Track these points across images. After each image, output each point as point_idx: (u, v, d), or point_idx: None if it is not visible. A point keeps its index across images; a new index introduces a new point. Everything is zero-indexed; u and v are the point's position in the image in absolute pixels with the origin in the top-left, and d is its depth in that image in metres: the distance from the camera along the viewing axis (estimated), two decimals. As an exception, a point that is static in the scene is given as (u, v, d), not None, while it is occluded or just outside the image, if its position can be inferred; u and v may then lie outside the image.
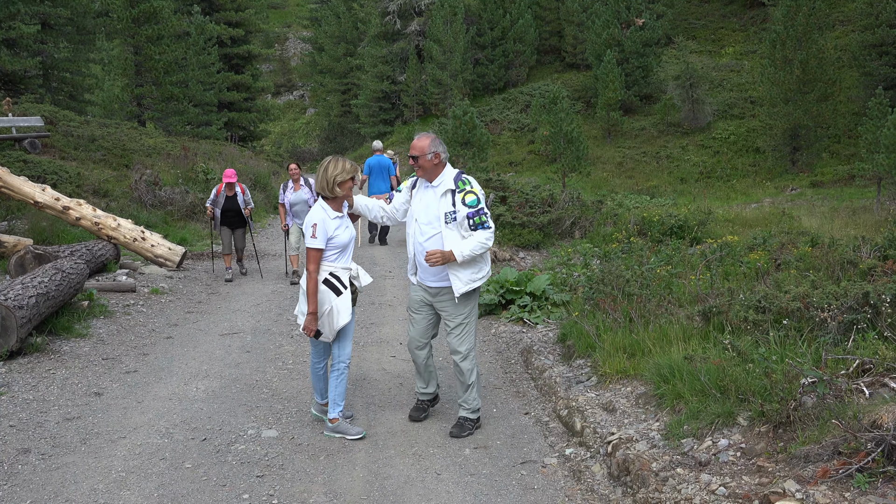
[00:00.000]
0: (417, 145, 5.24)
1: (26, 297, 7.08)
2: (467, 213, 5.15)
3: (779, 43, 29.24)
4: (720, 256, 8.69)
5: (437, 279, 5.38)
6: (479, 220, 5.16)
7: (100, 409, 5.96)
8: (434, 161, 5.24)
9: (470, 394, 5.48)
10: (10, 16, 23.29)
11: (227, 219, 11.65)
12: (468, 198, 5.17)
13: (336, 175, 5.15)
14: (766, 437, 4.19)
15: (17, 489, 4.52)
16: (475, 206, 5.16)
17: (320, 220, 5.09)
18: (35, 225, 12.23)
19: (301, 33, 71.27)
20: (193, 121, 33.45)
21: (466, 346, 5.40)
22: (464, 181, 5.23)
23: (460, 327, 5.40)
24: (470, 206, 5.16)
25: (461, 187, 5.19)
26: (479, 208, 5.17)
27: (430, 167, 5.25)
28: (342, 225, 5.22)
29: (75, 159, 19.42)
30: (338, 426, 5.37)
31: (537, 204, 14.76)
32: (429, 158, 5.23)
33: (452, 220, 5.18)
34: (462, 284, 5.24)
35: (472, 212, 5.15)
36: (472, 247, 5.13)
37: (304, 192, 11.32)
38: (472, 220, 5.15)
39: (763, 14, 43.00)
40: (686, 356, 5.18)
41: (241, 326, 8.79)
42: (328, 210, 5.16)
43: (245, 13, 41.87)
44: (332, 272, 5.17)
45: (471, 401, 5.49)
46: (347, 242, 5.23)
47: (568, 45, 44.72)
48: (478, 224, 5.16)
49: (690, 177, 31.31)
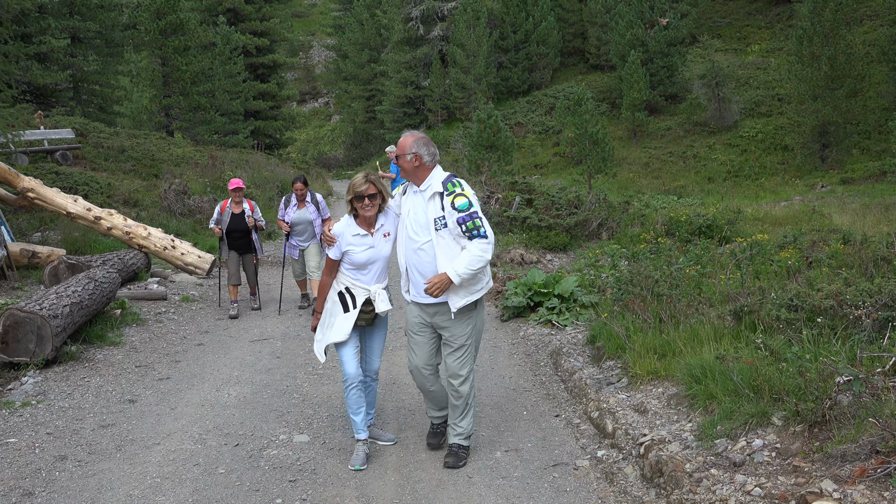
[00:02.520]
0: (400, 144, 4.82)
1: (60, 307, 7.19)
2: (457, 218, 4.61)
3: (806, 39, 28.88)
4: (750, 255, 8.61)
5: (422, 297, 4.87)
6: (473, 226, 4.60)
7: (134, 416, 6.04)
8: (414, 163, 4.77)
9: (466, 418, 5.01)
10: (41, 30, 23.70)
11: (233, 241, 9.96)
12: (458, 201, 4.63)
13: (347, 193, 4.95)
14: (802, 437, 4.14)
15: (56, 495, 4.59)
16: (466, 210, 4.61)
17: (339, 233, 4.93)
18: (67, 235, 12.43)
19: (325, 41, 71.66)
20: (220, 130, 33.78)
21: (468, 368, 4.92)
22: (454, 183, 4.70)
23: (462, 349, 4.89)
24: (460, 209, 4.61)
25: (450, 189, 4.67)
26: (471, 212, 4.61)
27: (409, 169, 4.80)
28: (363, 245, 4.92)
29: (106, 170, 19.70)
30: (371, 432, 5.34)
31: (563, 206, 14.71)
32: (408, 159, 4.78)
33: (443, 227, 4.67)
34: (459, 299, 4.73)
35: (462, 216, 4.61)
36: (467, 263, 4.59)
37: (310, 211, 9.73)
38: (463, 225, 4.60)
39: (789, 10, 42.51)
40: (718, 356, 5.13)
41: (270, 332, 8.85)
42: (351, 225, 4.94)
43: (270, 23, 42.18)
44: (348, 287, 4.97)
45: (466, 426, 5.02)
46: (364, 263, 4.93)
47: (592, 47, 44.53)
48: (471, 230, 4.60)
49: (718, 176, 31.00)
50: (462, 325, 4.85)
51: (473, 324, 4.91)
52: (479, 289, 4.81)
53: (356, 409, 5.01)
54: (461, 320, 4.84)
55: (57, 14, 25.25)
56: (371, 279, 5.00)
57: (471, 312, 4.87)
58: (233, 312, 9.71)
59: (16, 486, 4.69)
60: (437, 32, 44.18)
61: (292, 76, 65.09)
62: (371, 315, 5.00)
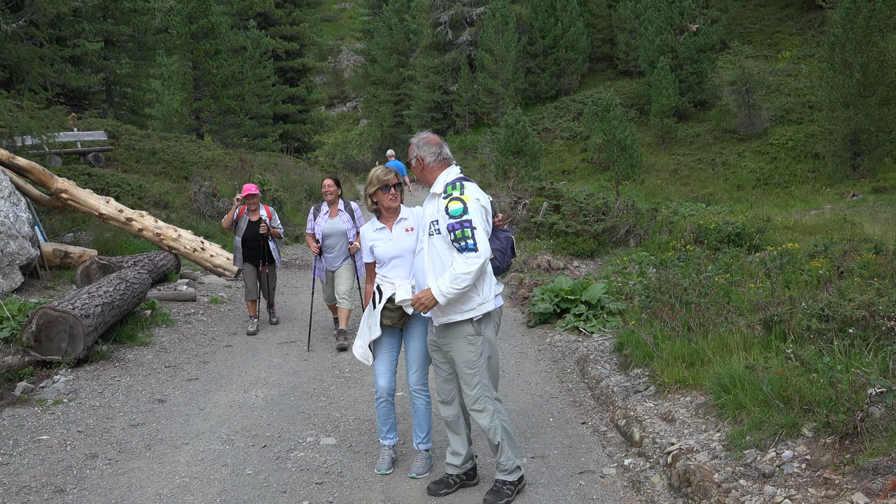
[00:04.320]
0: (412, 146, 4.57)
1: (92, 307, 7.29)
2: (447, 225, 4.18)
3: (838, 46, 28.56)
4: (780, 264, 8.52)
5: None
6: (461, 236, 4.12)
7: (163, 415, 6.11)
8: (419, 166, 4.49)
9: (502, 454, 4.46)
10: (76, 34, 24.11)
11: (249, 251, 9.13)
12: (451, 205, 4.19)
13: (366, 186, 4.93)
14: (833, 449, 4.09)
15: (86, 493, 4.65)
16: (458, 217, 4.14)
17: (363, 232, 4.97)
18: (99, 236, 12.60)
19: (354, 45, 72.08)
20: (250, 133, 34.13)
21: (480, 403, 4.39)
22: (454, 186, 4.28)
23: (467, 376, 4.37)
24: (452, 215, 4.16)
25: (448, 192, 4.26)
26: (463, 220, 4.13)
27: (417, 172, 4.53)
28: (383, 238, 4.85)
29: (137, 172, 19.97)
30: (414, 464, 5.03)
31: (591, 212, 14.67)
32: (413, 164, 4.52)
33: (436, 232, 4.29)
34: (442, 315, 4.32)
35: (452, 223, 4.15)
36: (450, 282, 4.13)
37: (343, 220, 8.34)
38: (452, 233, 4.16)
39: (821, 17, 42.07)
40: (747, 365, 5.08)
41: (298, 335, 8.91)
42: (374, 221, 4.96)
43: (300, 27, 42.58)
44: (378, 284, 4.84)
45: (505, 461, 4.47)
46: (386, 257, 4.80)
47: (620, 53, 44.40)
48: (460, 240, 4.13)
49: (747, 184, 30.74)
50: (461, 348, 4.35)
51: (479, 350, 4.35)
52: (469, 309, 4.27)
53: (383, 421, 4.98)
54: (458, 341, 4.35)
55: (91, 18, 25.70)
56: (397, 274, 4.79)
57: (469, 335, 4.32)
58: (251, 329, 9.06)
59: (48, 483, 4.77)
60: (466, 37, 44.32)
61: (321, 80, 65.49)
62: (396, 314, 4.72)
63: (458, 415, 4.63)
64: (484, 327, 4.36)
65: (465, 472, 4.71)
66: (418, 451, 4.99)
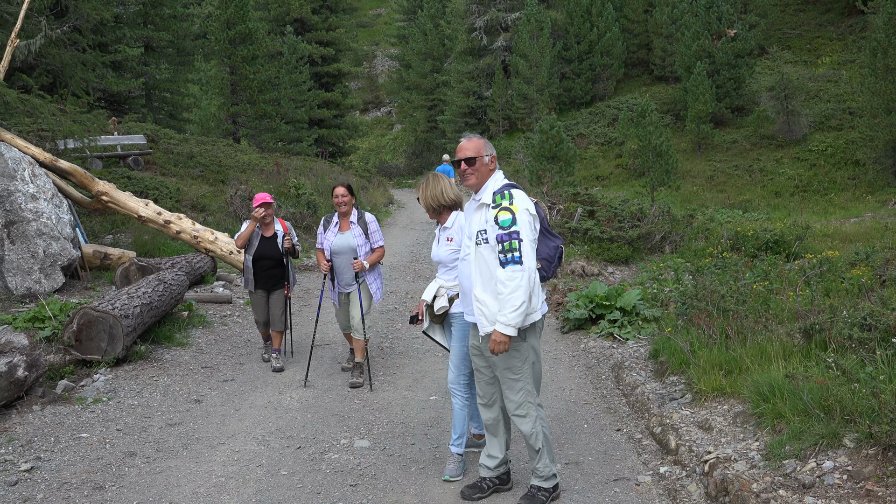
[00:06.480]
0: (470, 146, 4.36)
1: (131, 307, 7.40)
2: (497, 235, 4.13)
3: (880, 51, 28.03)
4: (820, 272, 8.39)
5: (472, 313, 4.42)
6: (509, 248, 4.07)
7: (200, 415, 6.18)
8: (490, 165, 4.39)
9: (540, 460, 4.45)
10: (117, 39, 24.53)
11: (261, 272, 7.63)
12: (501, 216, 4.13)
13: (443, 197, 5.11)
14: (875, 460, 4.01)
15: (125, 490, 4.72)
16: (507, 228, 4.09)
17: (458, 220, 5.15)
18: (138, 238, 12.79)
19: (389, 51, 72.41)
20: (285, 137, 34.42)
21: (522, 408, 4.37)
22: (503, 195, 4.21)
23: (509, 382, 4.36)
24: (502, 226, 4.11)
25: (497, 202, 4.19)
26: (512, 231, 4.08)
27: (484, 171, 4.37)
28: (437, 237, 5.19)
29: (175, 175, 20.23)
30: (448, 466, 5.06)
31: (626, 218, 14.57)
32: (486, 161, 4.36)
33: (484, 242, 4.21)
34: (489, 325, 4.22)
35: (501, 233, 4.11)
36: (507, 311, 4.05)
37: (355, 234, 7.12)
38: (501, 244, 4.11)
39: (862, 22, 41.32)
40: (787, 374, 5.02)
41: (332, 338, 8.95)
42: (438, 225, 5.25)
43: (336, 32, 42.82)
44: None
45: (542, 468, 4.47)
46: (435, 258, 5.16)
47: (656, 58, 44.02)
48: (506, 252, 4.08)
49: (785, 191, 30.28)
50: (506, 354, 4.26)
51: (524, 356, 4.33)
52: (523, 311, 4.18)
53: (454, 418, 4.99)
54: None
55: (132, 24, 26.12)
56: (452, 275, 5.04)
57: (515, 341, 4.23)
58: (266, 357, 7.94)
59: (87, 480, 4.85)
60: (501, 43, 44.25)
61: (356, 85, 65.89)
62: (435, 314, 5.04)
63: (497, 418, 4.62)
64: (529, 334, 4.33)
65: (499, 476, 4.69)
66: (451, 454, 5.00)
